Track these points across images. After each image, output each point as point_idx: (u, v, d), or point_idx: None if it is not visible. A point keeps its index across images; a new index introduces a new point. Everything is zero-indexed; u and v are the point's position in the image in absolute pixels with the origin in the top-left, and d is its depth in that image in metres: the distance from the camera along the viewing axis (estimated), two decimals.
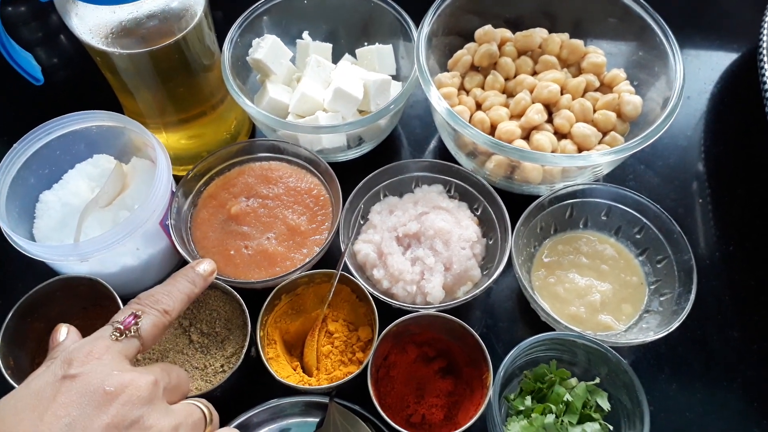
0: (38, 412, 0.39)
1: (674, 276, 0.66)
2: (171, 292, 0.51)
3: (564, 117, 0.73)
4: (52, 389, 0.40)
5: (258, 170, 0.73)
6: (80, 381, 0.41)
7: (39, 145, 0.68)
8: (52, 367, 0.42)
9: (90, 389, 0.40)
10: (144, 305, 0.49)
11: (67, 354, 0.43)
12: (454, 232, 0.69)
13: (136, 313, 0.48)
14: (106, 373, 0.42)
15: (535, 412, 0.60)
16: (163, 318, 0.49)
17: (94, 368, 0.42)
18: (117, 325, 0.46)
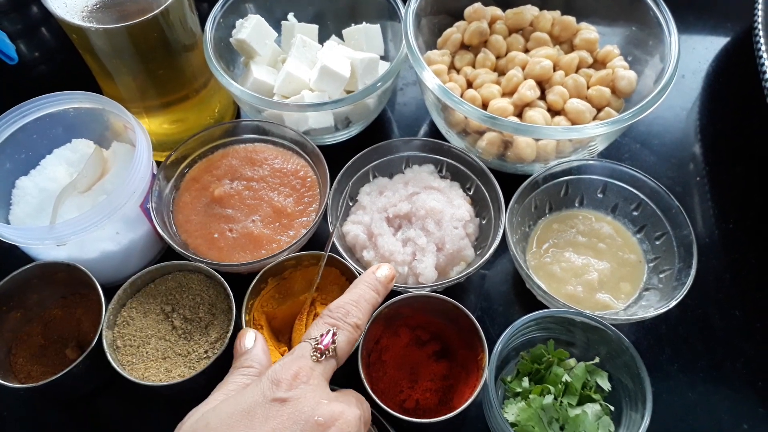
0: (252, 429, 0.39)
1: (673, 252, 0.64)
2: (359, 303, 0.50)
3: (557, 93, 0.71)
4: (263, 410, 0.40)
5: (242, 152, 0.70)
6: (291, 407, 0.40)
7: (14, 129, 0.66)
8: (261, 386, 0.42)
9: (302, 417, 0.40)
10: (337, 320, 0.48)
11: (274, 374, 0.42)
12: (446, 212, 0.66)
13: (333, 331, 0.46)
14: (316, 401, 0.41)
15: (533, 393, 0.57)
16: (355, 334, 0.49)
17: (303, 393, 0.41)
18: (317, 345, 0.45)
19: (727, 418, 0.63)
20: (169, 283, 0.63)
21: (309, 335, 0.47)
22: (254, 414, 0.40)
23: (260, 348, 0.49)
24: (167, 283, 0.63)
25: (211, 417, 0.41)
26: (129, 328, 0.60)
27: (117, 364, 0.57)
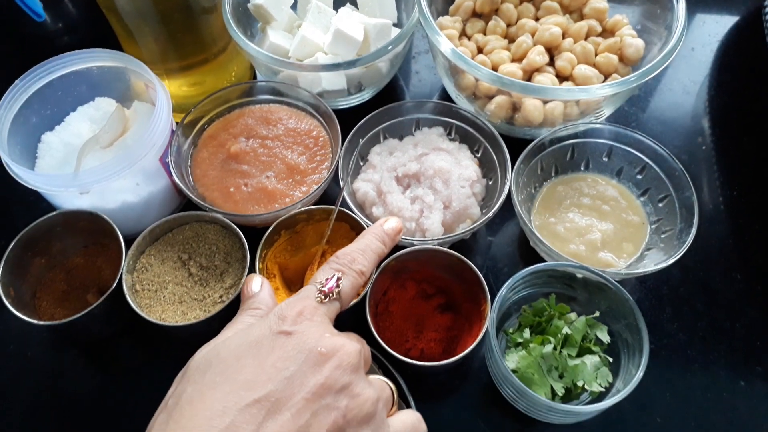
0: (259, 360, 0.41)
1: (675, 213, 0.66)
2: (365, 252, 0.52)
3: (566, 59, 0.72)
4: (269, 342, 0.42)
5: (258, 112, 0.73)
6: (296, 339, 0.42)
7: (41, 84, 0.68)
8: (267, 321, 0.44)
9: (306, 348, 0.42)
10: (343, 266, 0.50)
11: (280, 311, 0.44)
12: (453, 172, 0.68)
13: (338, 276, 0.49)
14: (319, 335, 0.43)
15: (534, 343, 0.59)
16: (359, 279, 0.50)
17: (307, 328, 0.43)
18: (321, 288, 0.47)
19: (724, 374, 0.64)
20: (187, 232, 0.65)
21: (315, 279, 0.49)
22: (261, 345, 0.42)
23: (266, 292, 0.51)
24: (185, 233, 0.65)
25: (221, 348, 0.43)
26: (147, 274, 0.63)
27: (136, 306, 0.60)
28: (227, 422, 0.37)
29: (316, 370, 0.41)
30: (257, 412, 0.38)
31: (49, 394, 0.64)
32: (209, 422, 0.37)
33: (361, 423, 0.42)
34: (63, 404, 0.64)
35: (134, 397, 0.64)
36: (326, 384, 0.41)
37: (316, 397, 0.40)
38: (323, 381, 0.41)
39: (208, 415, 0.37)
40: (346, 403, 0.41)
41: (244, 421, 0.37)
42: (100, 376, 0.66)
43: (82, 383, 0.65)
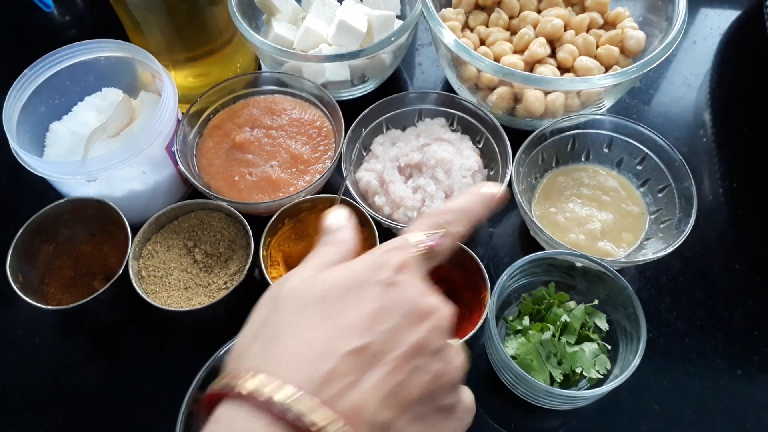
0: (359, 307, 0.39)
1: (674, 203, 0.67)
2: (468, 214, 0.48)
3: (567, 51, 0.73)
4: (370, 289, 0.39)
5: (262, 103, 0.74)
6: (397, 291, 0.40)
7: (49, 74, 0.69)
8: (367, 265, 0.41)
9: (407, 303, 0.40)
10: (447, 223, 0.46)
11: (382, 258, 0.41)
12: (455, 162, 0.69)
13: (442, 233, 0.45)
14: (420, 291, 0.41)
15: (533, 330, 0.60)
16: (458, 241, 0.47)
17: (409, 281, 0.41)
18: (429, 242, 0.44)
19: (721, 363, 0.65)
20: (192, 220, 0.67)
21: (419, 228, 0.45)
22: (361, 290, 0.40)
23: (350, 227, 0.47)
24: (190, 221, 0.66)
25: (317, 285, 0.40)
26: (153, 260, 0.64)
27: (141, 291, 0.61)
28: (328, 368, 0.36)
29: (414, 328, 0.39)
30: (357, 362, 0.37)
31: (56, 379, 0.65)
32: (311, 365, 0.36)
33: (449, 390, 0.41)
34: (69, 389, 0.65)
35: (139, 383, 0.65)
36: (422, 344, 0.39)
37: (412, 356, 0.38)
38: (420, 340, 0.39)
39: (310, 357, 0.36)
40: (438, 368, 0.40)
41: (345, 369, 0.36)
42: (106, 362, 0.67)
43: (88, 369, 0.66)
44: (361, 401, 0.36)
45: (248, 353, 0.38)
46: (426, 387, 0.39)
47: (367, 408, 0.36)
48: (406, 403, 0.38)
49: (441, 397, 0.40)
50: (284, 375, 0.35)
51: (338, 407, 0.35)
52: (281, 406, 0.34)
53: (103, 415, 0.64)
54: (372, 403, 0.36)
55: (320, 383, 0.35)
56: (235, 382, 0.35)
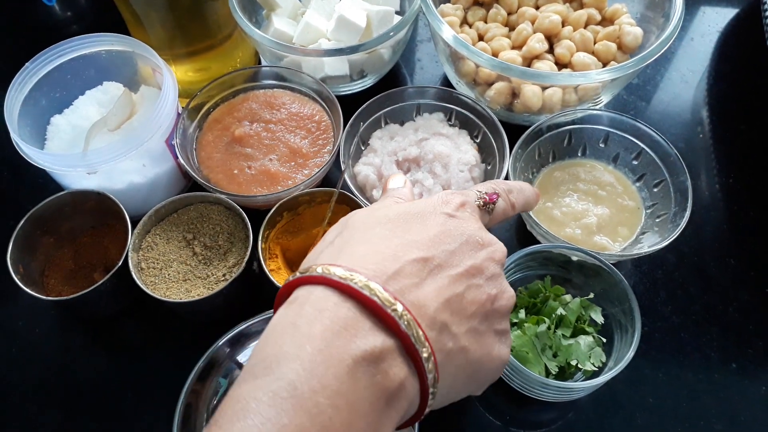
0: (424, 228, 0.43)
1: (670, 198, 0.67)
2: (521, 192, 0.54)
3: (565, 47, 0.74)
4: (434, 217, 0.44)
5: (262, 97, 0.74)
6: (458, 222, 0.44)
7: (50, 68, 0.70)
8: (432, 200, 0.46)
9: (467, 232, 0.44)
10: (502, 191, 0.52)
11: (444, 196, 0.46)
12: (453, 156, 0.70)
13: (498, 194, 0.50)
14: (478, 227, 0.45)
15: (529, 323, 0.61)
16: (510, 210, 0.52)
17: (468, 217, 0.45)
18: (483, 196, 0.49)
19: (716, 356, 0.66)
20: (191, 213, 0.67)
21: (476, 188, 0.50)
22: (426, 218, 0.44)
23: (408, 188, 0.53)
24: (189, 213, 0.67)
25: (386, 211, 0.44)
26: (153, 252, 0.65)
27: (141, 283, 0.61)
28: (397, 267, 0.39)
29: (472, 253, 0.43)
30: (422, 268, 0.40)
31: (57, 370, 0.66)
32: (382, 263, 0.39)
33: (503, 315, 0.44)
34: (69, 380, 0.65)
35: (138, 374, 0.66)
36: (479, 267, 0.43)
37: (471, 275, 0.42)
38: (479, 264, 0.43)
39: (381, 258, 0.39)
40: (495, 292, 0.43)
41: (411, 272, 0.39)
42: (105, 354, 0.68)
43: (88, 360, 0.67)
44: (425, 299, 0.39)
45: (320, 258, 0.42)
46: (482, 305, 0.42)
47: (429, 306, 0.39)
48: (463, 314, 0.41)
49: (495, 319, 0.43)
50: (356, 268, 0.38)
51: (403, 299, 0.38)
52: (354, 285, 0.37)
53: (103, 406, 0.64)
54: (433, 303, 0.39)
55: (388, 278, 0.38)
56: (310, 271, 0.39)
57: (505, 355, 0.45)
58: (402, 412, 0.37)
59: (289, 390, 0.32)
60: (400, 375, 0.36)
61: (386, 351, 0.36)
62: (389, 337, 0.36)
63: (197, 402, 0.61)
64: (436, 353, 0.38)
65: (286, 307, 0.38)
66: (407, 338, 0.37)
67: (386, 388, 0.35)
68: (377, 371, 0.35)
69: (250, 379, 0.34)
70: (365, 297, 0.36)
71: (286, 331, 0.36)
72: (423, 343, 0.37)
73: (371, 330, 0.36)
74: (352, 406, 0.33)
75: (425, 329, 0.38)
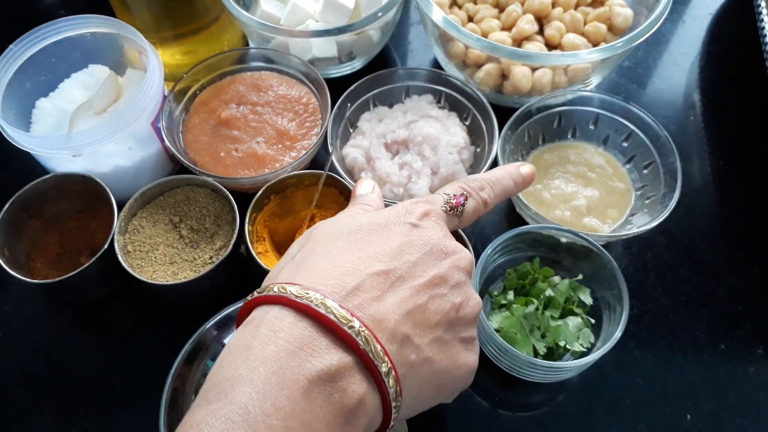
0: (386, 240, 0.43)
1: (660, 179, 0.67)
2: (495, 184, 0.53)
3: (555, 28, 0.73)
4: (397, 228, 0.44)
5: (249, 79, 0.74)
6: (422, 232, 0.44)
7: (35, 50, 0.69)
8: (395, 210, 0.45)
9: (430, 242, 0.44)
10: (472, 189, 0.51)
11: (408, 206, 0.46)
12: (442, 138, 0.69)
13: (466, 195, 0.49)
14: (443, 234, 0.45)
15: (517, 304, 0.61)
16: (482, 208, 0.51)
17: (432, 226, 0.45)
18: (449, 200, 0.49)
19: (704, 337, 0.66)
20: (178, 196, 0.67)
21: (443, 191, 0.50)
22: (389, 228, 0.44)
23: (377, 194, 0.52)
24: (176, 196, 0.67)
25: (348, 222, 0.44)
26: (139, 236, 0.64)
27: (127, 266, 0.61)
28: (357, 282, 0.39)
29: (436, 263, 0.43)
30: (383, 281, 0.40)
31: (44, 355, 0.66)
32: (342, 278, 0.39)
33: (469, 323, 0.44)
34: (56, 365, 0.65)
35: (125, 358, 0.65)
36: (444, 276, 0.43)
37: (434, 284, 0.42)
38: (442, 273, 0.43)
39: (341, 272, 0.40)
40: (459, 300, 0.43)
41: (371, 285, 0.39)
42: (92, 338, 0.67)
43: (75, 344, 0.67)
44: (385, 312, 0.39)
45: (280, 274, 0.42)
46: (446, 314, 0.42)
47: (389, 319, 0.39)
48: (426, 324, 0.41)
49: (460, 327, 0.43)
50: (314, 286, 0.38)
51: (361, 314, 0.38)
52: (310, 303, 0.37)
53: (90, 390, 0.64)
54: (394, 316, 0.39)
55: (347, 294, 0.39)
56: (267, 290, 0.39)
57: (472, 362, 0.45)
58: (363, 428, 0.37)
59: (242, 414, 0.32)
60: (359, 392, 0.36)
61: (344, 368, 0.36)
62: (347, 354, 0.36)
63: (184, 385, 0.60)
64: (398, 366, 0.38)
65: (242, 328, 0.38)
66: (365, 354, 0.37)
67: (345, 405, 0.35)
68: (335, 390, 0.35)
69: (204, 404, 0.34)
70: (321, 315, 0.36)
71: (240, 353, 0.36)
72: (382, 358, 0.37)
73: (328, 348, 0.36)
74: (307, 426, 0.33)
75: (385, 343, 0.38)
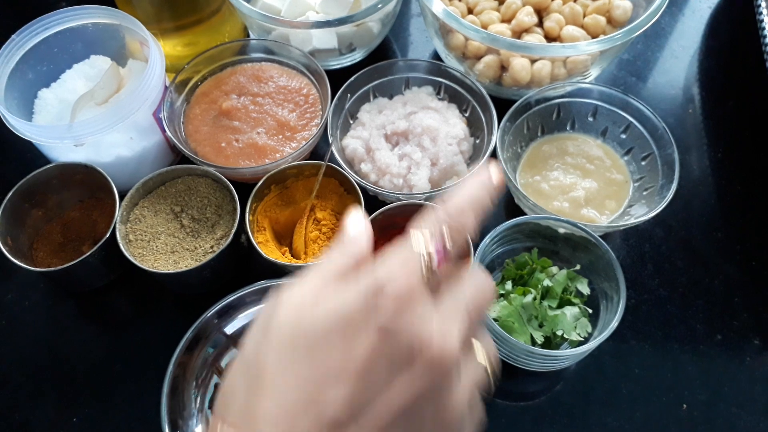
0: (345, 347, 0.36)
1: (658, 170, 0.67)
2: (476, 209, 0.41)
3: (554, 20, 0.73)
4: (366, 332, 0.36)
5: (250, 70, 0.74)
6: (390, 339, 0.36)
7: (37, 40, 0.69)
8: (363, 301, 0.36)
9: (399, 349, 0.35)
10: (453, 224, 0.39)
11: (385, 280, 0.36)
12: (441, 130, 0.70)
13: (448, 246, 0.39)
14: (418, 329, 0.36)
15: (515, 294, 0.61)
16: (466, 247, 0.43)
17: (405, 325, 0.36)
18: (429, 263, 0.38)
19: (701, 328, 0.66)
20: (179, 186, 0.67)
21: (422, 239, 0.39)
22: (351, 327, 0.36)
23: (364, 239, 0.42)
24: (177, 186, 0.67)
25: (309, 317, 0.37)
26: (141, 225, 0.65)
27: (129, 254, 0.61)
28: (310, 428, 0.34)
29: (405, 378, 0.35)
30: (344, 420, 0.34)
31: (46, 342, 0.66)
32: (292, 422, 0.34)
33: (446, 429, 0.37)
34: (58, 352, 0.66)
35: (127, 346, 0.66)
36: (426, 395, 0.36)
37: (412, 413, 0.35)
38: (423, 391, 0.35)
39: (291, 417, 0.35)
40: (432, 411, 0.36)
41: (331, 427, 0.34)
42: (94, 326, 0.68)
43: (77, 332, 0.67)
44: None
45: (232, 404, 0.37)
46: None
47: None
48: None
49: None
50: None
51: None
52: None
53: (92, 378, 0.64)
54: None
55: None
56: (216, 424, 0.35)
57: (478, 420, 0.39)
58: None
59: None
60: None
61: None
62: None
63: (185, 373, 0.61)
64: None
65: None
66: None
67: None
68: None
69: None
70: None
71: None
72: None
73: None
74: None
75: None
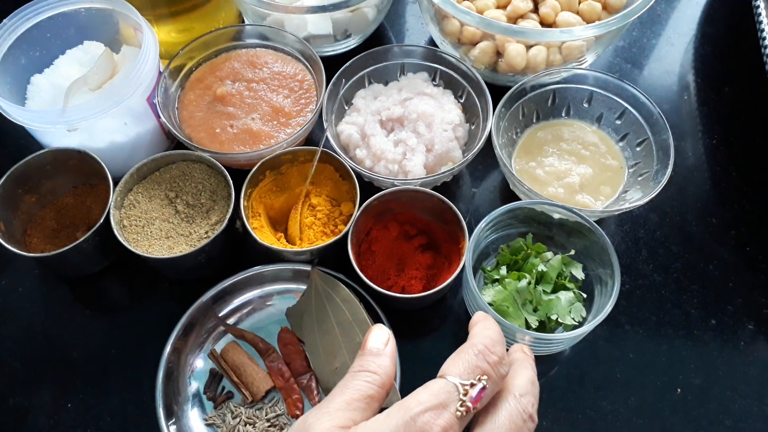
0: None
1: (652, 156, 0.67)
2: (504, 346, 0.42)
3: (549, 6, 0.73)
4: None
5: (244, 56, 0.74)
6: None
7: (29, 25, 0.69)
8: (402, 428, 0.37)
9: None
10: (491, 368, 0.40)
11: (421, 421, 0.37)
12: (437, 115, 0.70)
13: (484, 385, 0.39)
14: None
15: (510, 278, 0.61)
16: (499, 386, 0.41)
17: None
18: (465, 402, 0.38)
19: (696, 313, 0.66)
20: (173, 171, 0.67)
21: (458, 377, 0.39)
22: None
23: (389, 355, 0.43)
24: (171, 172, 0.67)
25: None
26: (135, 210, 0.64)
27: (123, 240, 0.61)
28: None
29: None
30: None
31: (40, 328, 0.66)
32: None
33: None
34: (53, 339, 0.66)
35: (121, 332, 0.66)
36: None
37: None
38: None
39: None
40: None
41: None
42: (89, 312, 0.68)
43: (71, 318, 0.67)
44: None
45: None
46: None
47: None
48: None
49: None
50: None
51: None
52: None
53: (86, 363, 0.64)
54: None
55: None
56: None
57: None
58: None
59: None
60: None
61: None
62: None
63: (180, 358, 0.61)
64: None
65: None
66: None
67: None
68: None
69: None
70: None
71: None
72: None
73: None
74: None
75: None
